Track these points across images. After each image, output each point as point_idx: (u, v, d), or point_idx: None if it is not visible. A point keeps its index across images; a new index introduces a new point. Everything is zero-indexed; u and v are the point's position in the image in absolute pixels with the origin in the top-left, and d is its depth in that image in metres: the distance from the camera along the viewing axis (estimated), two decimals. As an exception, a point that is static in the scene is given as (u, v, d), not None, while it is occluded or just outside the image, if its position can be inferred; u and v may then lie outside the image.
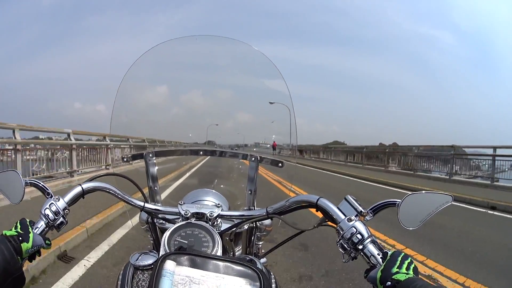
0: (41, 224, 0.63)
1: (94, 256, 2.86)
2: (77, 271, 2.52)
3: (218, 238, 0.63)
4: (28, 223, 0.63)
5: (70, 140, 6.87)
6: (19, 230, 0.60)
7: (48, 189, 0.69)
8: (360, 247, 0.55)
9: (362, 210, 0.60)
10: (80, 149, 7.46)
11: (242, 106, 1.22)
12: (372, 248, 0.55)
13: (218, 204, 0.77)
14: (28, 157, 6.09)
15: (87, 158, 7.87)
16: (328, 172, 12.58)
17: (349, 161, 16.07)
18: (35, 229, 0.62)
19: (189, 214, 0.71)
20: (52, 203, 0.65)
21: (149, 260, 0.60)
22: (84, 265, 2.63)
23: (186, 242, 0.62)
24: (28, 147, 6.02)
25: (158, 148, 0.96)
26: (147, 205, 0.75)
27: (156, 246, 0.82)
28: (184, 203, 0.76)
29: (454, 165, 9.71)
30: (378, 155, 14.20)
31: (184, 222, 0.67)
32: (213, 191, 0.95)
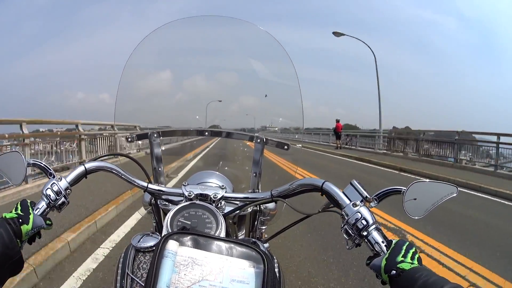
0: (42, 205, 0.62)
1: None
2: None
3: (221, 220, 0.62)
4: (29, 204, 0.62)
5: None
6: (19, 212, 0.59)
7: (50, 169, 0.68)
8: (365, 233, 0.54)
9: (368, 196, 0.59)
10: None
11: (248, 89, 1.19)
12: (376, 235, 0.54)
13: (222, 186, 0.76)
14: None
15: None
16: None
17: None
18: (36, 210, 0.62)
19: (193, 195, 0.70)
20: (54, 183, 0.64)
21: (151, 242, 0.59)
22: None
23: (189, 223, 0.61)
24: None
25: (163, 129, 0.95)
26: (150, 185, 0.74)
27: (159, 228, 0.82)
28: (188, 184, 0.74)
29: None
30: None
31: (187, 203, 0.66)
32: (217, 173, 0.94)
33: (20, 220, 0.58)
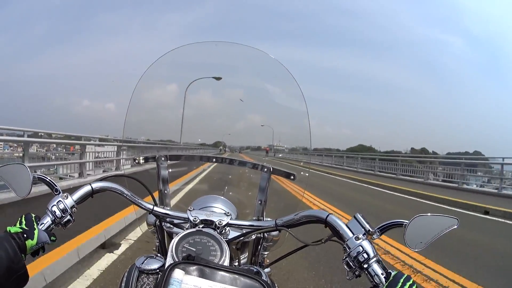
0: (47, 220, 0.63)
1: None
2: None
3: (226, 248, 0.63)
4: (33, 218, 0.62)
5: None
6: (24, 226, 0.59)
7: (56, 185, 0.68)
8: (365, 266, 0.56)
9: (370, 229, 0.60)
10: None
11: (254, 110, 1.22)
12: (376, 267, 0.56)
13: (228, 212, 0.77)
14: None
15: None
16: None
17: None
18: (40, 225, 0.62)
19: (198, 220, 0.71)
20: (60, 200, 0.65)
21: (155, 265, 0.60)
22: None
23: (194, 249, 0.62)
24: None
25: (171, 152, 0.97)
26: (156, 208, 0.75)
27: (162, 249, 0.83)
28: (193, 209, 0.75)
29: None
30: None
31: (193, 230, 0.67)
32: (223, 198, 0.94)
33: (25, 235, 0.58)
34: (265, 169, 0.88)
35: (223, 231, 0.72)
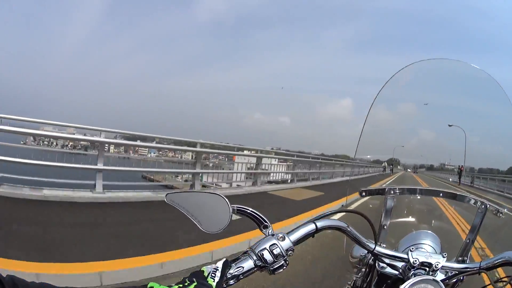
0: (249, 264, 0.52)
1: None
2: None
3: None
4: (214, 285, 0.46)
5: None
6: None
7: (266, 221, 0.57)
8: None
9: None
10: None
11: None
12: None
13: (445, 254, 0.70)
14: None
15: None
16: None
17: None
18: (236, 269, 0.50)
19: (418, 263, 0.67)
20: (275, 243, 0.54)
21: None
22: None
23: None
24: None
25: (400, 186, 0.93)
26: (378, 248, 0.70)
27: (363, 286, 0.82)
28: (414, 249, 0.71)
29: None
30: None
31: (423, 278, 0.62)
32: (433, 234, 0.87)
33: None
34: (482, 206, 0.80)
35: (435, 274, 0.67)
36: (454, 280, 0.76)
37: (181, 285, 0.44)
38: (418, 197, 0.99)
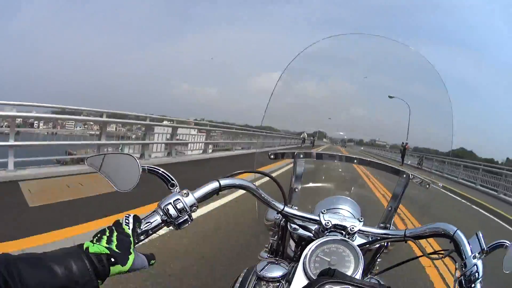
0: (155, 219, 0.54)
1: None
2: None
3: (361, 260, 0.57)
4: (130, 234, 0.47)
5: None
6: (113, 247, 0.44)
7: (173, 179, 0.59)
8: (472, 285, 0.54)
9: (486, 249, 0.58)
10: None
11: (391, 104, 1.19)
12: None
13: (361, 218, 0.70)
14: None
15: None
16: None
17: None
18: (145, 225, 0.52)
19: (330, 225, 0.67)
20: (179, 198, 0.56)
21: (277, 272, 0.57)
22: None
23: (329, 260, 0.57)
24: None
25: (309, 151, 0.94)
26: (286, 208, 0.71)
27: (278, 249, 0.83)
28: (326, 211, 0.71)
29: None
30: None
31: (331, 238, 0.62)
32: (352, 200, 0.89)
33: (112, 260, 0.43)
34: (404, 175, 0.81)
35: (352, 238, 0.66)
36: (378, 246, 0.77)
37: (105, 236, 0.45)
38: (339, 164, 0.99)
